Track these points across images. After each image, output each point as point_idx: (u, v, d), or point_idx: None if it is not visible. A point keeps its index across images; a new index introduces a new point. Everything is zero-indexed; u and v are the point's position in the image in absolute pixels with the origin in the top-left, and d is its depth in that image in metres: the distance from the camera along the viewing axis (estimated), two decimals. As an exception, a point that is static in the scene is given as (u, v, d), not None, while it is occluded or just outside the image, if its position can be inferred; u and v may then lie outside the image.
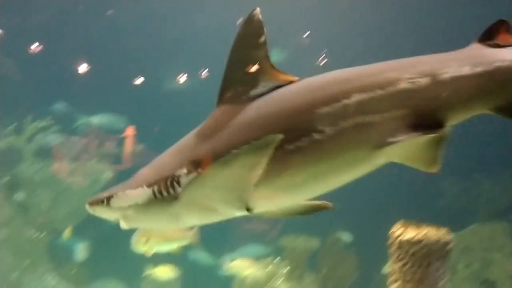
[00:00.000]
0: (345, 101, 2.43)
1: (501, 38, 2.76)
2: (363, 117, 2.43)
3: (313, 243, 9.46)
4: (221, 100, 2.72)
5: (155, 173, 2.68)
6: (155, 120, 11.46)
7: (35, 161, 10.54)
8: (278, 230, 11.43)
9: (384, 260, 8.49)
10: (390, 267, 5.45)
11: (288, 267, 9.06)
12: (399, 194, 10.38)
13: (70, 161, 10.86)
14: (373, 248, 9.58)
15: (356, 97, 2.44)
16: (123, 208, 2.70)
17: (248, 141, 2.29)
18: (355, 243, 9.94)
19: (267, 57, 2.66)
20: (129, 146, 11.47)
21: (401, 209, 5.78)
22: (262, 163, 2.29)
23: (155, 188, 2.62)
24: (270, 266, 8.84)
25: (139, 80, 12.16)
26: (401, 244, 5.19)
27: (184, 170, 2.56)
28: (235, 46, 2.67)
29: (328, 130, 2.41)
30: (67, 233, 9.41)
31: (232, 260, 8.48)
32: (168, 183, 2.59)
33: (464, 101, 2.58)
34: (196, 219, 2.80)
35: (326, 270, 9.33)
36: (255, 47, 2.64)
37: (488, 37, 2.76)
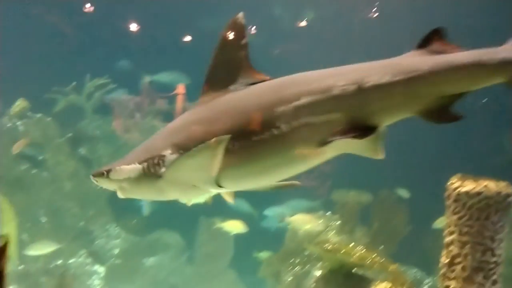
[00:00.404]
0: (296, 103, 2.88)
1: (438, 46, 2.97)
2: (309, 117, 2.87)
3: (365, 197, 9.49)
4: (204, 92, 3.18)
5: (145, 152, 3.12)
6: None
7: (95, 117, 11.01)
8: (329, 186, 11.55)
9: (436, 214, 8.50)
10: (446, 220, 5.45)
11: (339, 221, 9.17)
12: (456, 149, 10.16)
13: (127, 118, 11.27)
14: (426, 202, 9.57)
15: (303, 100, 2.88)
16: (119, 181, 3.14)
17: (222, 131, 2.84)
18: (408, 198, 9.91)
19: (247, 57, 3.10)
20: (180, 103, 11.73)
21: (459, 165, 5.69)
22: (218, 155, 2.79)
23: (145, 165, 3.07)
24: (322, 220, 8.97)
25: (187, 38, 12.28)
26: (459, 197, 5.16)
27: (169, 152, 3.01)
28: (220, 45, 3.11)
29: (283, 127, 2.87)
30: None
31: (292, 215, 8.60)
32: (155, 162, 3.04)
33: (386, 109, 2.89)
34: (178, 194, 3.25)
35: (377, 224, 9.38)
36: (237, 48, 3.09)
37: (425, 44, 2.98)
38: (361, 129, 2.85)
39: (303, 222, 8.36)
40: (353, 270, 6.51)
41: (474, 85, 2.90)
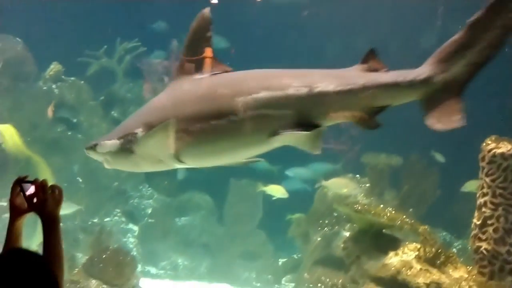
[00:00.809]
0: (254, 95, 3.31)
1: (373, 63, 3.48)
2: (264, 110, 3.31)
3: (395, 160, 9.43)
4: (173, 78, 3.70)
5: (123, 130, 3.60)
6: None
7: (126, 80, 11.16)
8: (358, 149, 11.50)
9: (466, 178, 8.41)
10: (479, 182, 5.41)
11: (368, 184, 9.18)
12: (489, 111, 9.91)
13: (156, 81, 11.37)
14: (456, 166, 9.46)
15: (261, 94, 3.31)
16: (103, 154, 3.63)
17: (184, 114, 3.33)
18: (439, 161, 9.80)
19: (212, 47, 3.58)
20: (208, 67, 11.73)
21: (490, 129, 5.58)
22: (170, 136, 3.26)
23: (122, 141, 3.52)
24: (351, 182, 8.98)
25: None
26: (494, 158, 5.10)
27: (140, 130, 3.46)
28: (188, 36, 3.58)
29: (240, 114, 3.29)
30: None
31: (328, 179, 8.59)
32: (129, 139, 3.49)
33: (327, 112, 3.39)
34: (150, 167, 3.69)
35: (407, 188, 9.35)
36: (202, 40, 3.55)
37: (366, 61, 3.49)
38: (306, 125, 3.34)
39: (340, 186, 8.24)
40: (382, 231, 6.57)
41: (394, 101, 3.46)
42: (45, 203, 2.22)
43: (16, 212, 2.32)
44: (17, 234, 2.33)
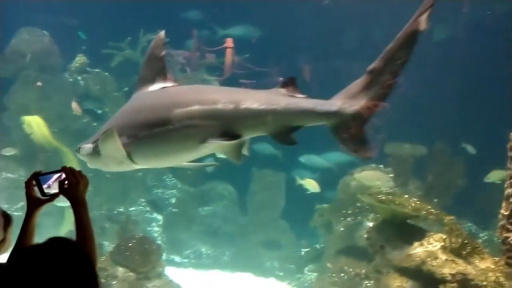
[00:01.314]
0: (188, 108, 3.85)
1: (290, 89, 4.01)
2: (196, 120, 3.83)
3: (419, 150, 9.32)
4: (136, 89, 4.25)
5: (96, 135, 4.13)
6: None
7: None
8: (381, 138, 11.39)
9: (493, 167, 8.26)
10: (507, 172, 5.32)
11: (392, 174, 9.10)
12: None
13: (178, 72, 11.43)
14: (482, 156, 9.31)
15: (194, 107, 3.85)
16: (85, 156, 4.13)
17: (133, 123, 3.94)
18: (463, 151, 9.66)
19: (164, 65, 4.14)
20: (229, 57, 11.75)
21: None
22: (115, 142, 3.77)
23: (93, 145, 4.05)
24: (383, 175, 8.91)
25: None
26: (523, 148, 5.00)
27: (102, 136, 3.92)
28: (146, 55, 4.25)
29: (176, 123, 3.83)
30: None
31: (361, 171, 8.52)
32: (97, 143, 3.99)
33: (249, 126, 3.91)
34: (116, 167, 4.18)
35: (432, 177, 9.23)
36: (157, 58, 4.13)
37: (285, 86, 4.01)
38: (230, 136, 3.85)
39: (372, 178, 8.07)
40: (407, 221, 6.52)
41: (308, 123, 4.01)
42: (78, 186, 2.36)
43: (33, 205, 2.44)
44: (33, 227, 2.45)
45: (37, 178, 2.44)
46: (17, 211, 8.23)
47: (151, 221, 10.42)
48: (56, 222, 8.76)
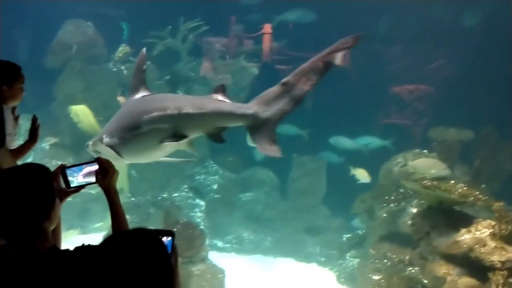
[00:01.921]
0: (151, 114, 4.55)
1: (221, 94, 4.69)
2: (156, 124, 4.54)
3: (466, 134, 9.05)
4: (128, 97, 5.02)
5: (101, 133, 4.83)
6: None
7: (190, 59, 11.36)
8: (425, 123, 11.13)
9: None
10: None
11: (437, 159, 8.88)
12: None
13: (217, 59, 11.51)
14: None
15: (155, 113, 4.54)
16: (92, 151, 4.79)
17: (118, 127, 4.69)
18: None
19: (145, 77, 4.92)
20: (267, 43, 11.71)
21: None
22: (101, 145, 4.61)
23: (96, 143, 4.74)
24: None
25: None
26: None
27: (104, 135, 4.66)
28: (134, 68, 5.07)
29: (144, 128, 4.56)
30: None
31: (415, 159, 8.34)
32: (99, 141, 4.64)
33: (189, 127, 4.57)
34: (115, 162, 4.64)
35: (479, 162, 8.96)
36: (141, 71, 4.91)
37: (216, 92, 4.70)
38: (179, 137, 4.54)
39: (428, 167, 7.72)
40: (453, 207, 6.38)
41: (230, 124, 4.65)
42: (113, 176, 2.57)
43: (60, 197, 2.50)
44: (59, 218, 2.50)
45: (63, 171, 2.58)
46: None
47: (194, 207, 10.61)
48: (104, 207, 9.01)
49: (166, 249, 1.89)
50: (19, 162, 3.19)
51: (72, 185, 2.60)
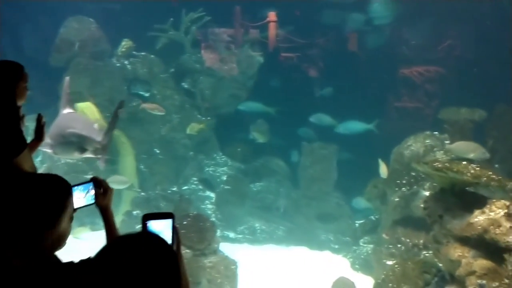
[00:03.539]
0: (67, 130, 5.90)
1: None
2: (70, 138, 5.91)
3: (478, 114, 8.84)
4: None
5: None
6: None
7: (194, 51, 11.26)
8: (435, 104, 10.93)
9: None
10: None
11: (449, 141, 8.71)
12: None
13: (223, 50, 11.38)
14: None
15: (68, 130, 5.89)
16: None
17: (53, 133, 5.87)
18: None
19: (70, 98, 6.28)
20: (272, 31, 11.56)
21: None
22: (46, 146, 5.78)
23: None
24: (429, 139, 8.57)
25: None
26: None
27: (47, 139, 5.50)
28: (62, 90, 6.42)
29: (65, 138, 5.91)
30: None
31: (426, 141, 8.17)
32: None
33: (87, 145, 6.10)
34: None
35: (492, 142, 8.75)
36: (66, 93, 6.17)
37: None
38: (83, 149, 6.00)
39: (466, 150, 7.35)
40: (466, 189, 6.23)
41: (87, 145, 6.13)
42: (111, 195, 2.62)
43: None
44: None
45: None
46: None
47: (204, 199, 10.58)
48: (114, 203, 9.05)
49: (173, 255, 1.76)
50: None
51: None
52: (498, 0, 10.83)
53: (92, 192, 2.56)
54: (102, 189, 2.59)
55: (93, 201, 2.55)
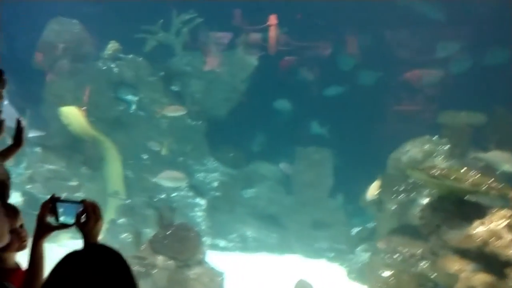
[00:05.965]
0: None
1: None
2: None
3: (477, 118, 8.46)
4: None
5: None
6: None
7: (185, 54, 10.87)
8: (434, 108, 10.59)
9: None
10: None
11: (448, 145, 8.33)
12: None
13: (218, 53, 11.03)
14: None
15: None
16: None
17: None
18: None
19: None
20: (273, 34, 11.24)
21: None
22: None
23: None
24: (428, 144, 8.19)
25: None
26: None
27: None
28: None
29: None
30: None
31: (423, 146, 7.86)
32: None
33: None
34: None
35: (493, 146, 8.35)
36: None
37: None
38: None
39: (501, 160, 6.94)
40: (465, 197, 5.84)
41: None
42: (97, 222, 2.28)
43: (43, 229, 2.35)
44: (41, 255, 2.34)
45: (54, 203, 2.36)
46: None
47: (194, 206, 10.17)
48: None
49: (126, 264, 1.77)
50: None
51: (60, 221, 2.38)
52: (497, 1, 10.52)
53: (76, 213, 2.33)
54: (89, 215, 2.27)
55: (72, 222, 2.33)
